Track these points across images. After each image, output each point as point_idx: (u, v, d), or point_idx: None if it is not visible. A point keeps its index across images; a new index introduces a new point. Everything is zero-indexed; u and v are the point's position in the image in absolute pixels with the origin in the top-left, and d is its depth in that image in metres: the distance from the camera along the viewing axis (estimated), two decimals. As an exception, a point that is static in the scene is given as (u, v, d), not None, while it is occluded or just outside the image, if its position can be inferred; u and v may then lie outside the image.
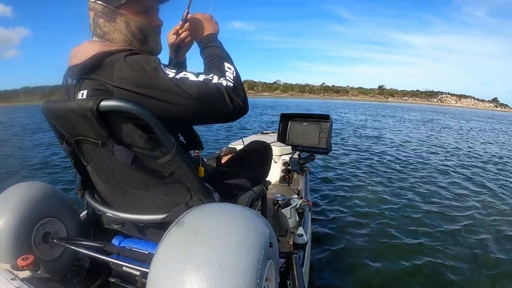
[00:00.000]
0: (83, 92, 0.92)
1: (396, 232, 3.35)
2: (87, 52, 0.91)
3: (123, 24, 0.98)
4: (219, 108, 0.91)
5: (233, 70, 1.00)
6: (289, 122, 2.47)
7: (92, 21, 1.00)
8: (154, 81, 0.85)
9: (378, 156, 7.89)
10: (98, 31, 0.99)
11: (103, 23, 0.98)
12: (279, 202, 2.00)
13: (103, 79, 0.87)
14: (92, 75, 0.90)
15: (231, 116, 0.96)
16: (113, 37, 0.99)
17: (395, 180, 5.43)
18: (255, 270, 0.67)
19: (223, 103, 0.91)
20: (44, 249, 1.22)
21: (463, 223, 3.68)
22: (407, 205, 4.20)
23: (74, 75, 0.96)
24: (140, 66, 0.86)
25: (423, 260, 2.81)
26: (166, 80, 0.86)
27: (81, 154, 1.05)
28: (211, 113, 0.92)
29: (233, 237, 0.69)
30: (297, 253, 1.25)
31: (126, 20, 0.98)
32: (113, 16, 0.97)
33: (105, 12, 0.97)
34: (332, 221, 3.57)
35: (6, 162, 6.96)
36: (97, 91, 0.89)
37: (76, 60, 0.93)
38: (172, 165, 0.91)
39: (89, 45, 0.96)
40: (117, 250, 1.15)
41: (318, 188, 4.77)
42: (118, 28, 0.98)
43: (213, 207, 0.84)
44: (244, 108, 0.96)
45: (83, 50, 0.94)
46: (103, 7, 0.97)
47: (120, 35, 0.99)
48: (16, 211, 1.13)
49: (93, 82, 0.90)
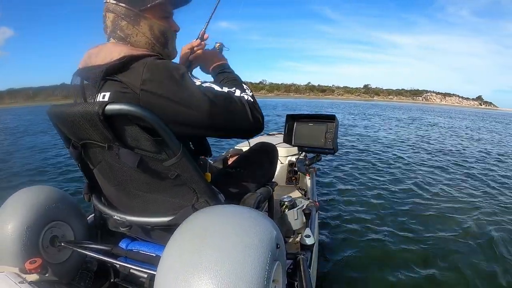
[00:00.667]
0: (105, 94, 0.91)
1: (406, 233, 3.31)
2: (112, 54, 0.91)
3: (146, 27, 1.00)
4: (240, 120, 0.94)
5: (250, 90, 1.04)
6: (295, 123, 2.47)
7: (111, 23, 0.99)
8: (181, 88, 0.87)
9: (379, 155, 7.89)
10: (118, 33, 0.99)
11: (126, 25, 0.98)
12: (285, 203, 1.99)
13: (129, 82, 0.87)
14: (117, 77, 0.89)
15: (250, 131, 1.00)
16: (136, 40, 1.00)
17: (402, 179, 5.40)
18: (262, 271, 0.67)
19: (244, 116, 0.94)
20: (52, 253, 1.22)
21: (485, 230, 3.57)
22: (414, 205, 4.16)
23: (94, 76, 0.92)
24: (169, 72, 0.88)
25: (434, 263, 2.78)
26: (193, 87, 0.88)
27: (87, 157, 1.05)
28: (232, 125, 0.94)
29: (240, 239, 0.69)
30: (304, 254, 1.24)
31: (150, 23, 1.00)
32: (137, 19, 0.98)
33: (128, 15, 0.98)
34: (339, 221, 3.55)
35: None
36: (121, 93, 0.89)
37: (99, 61, 0.93)
38: (178, 167, 0.91)
39: (114, 47, 0.96)
40: (125, 253, 1.16)
41: (325, 189, 4.75)
42: (142, 31, 1.00)
43: (220, 209, 0.84)
44: (262, 124, 1.01)
45: (107, 51, 0.94)
46: (126, 9, 0.97)
47: (144, 38, 1.01)
48: (24, 215, 1.14)
49: (118, 84, 0.90)
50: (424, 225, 3.54)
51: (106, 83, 0.92)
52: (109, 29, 1.00)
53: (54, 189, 1.32)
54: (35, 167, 6.67)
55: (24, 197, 1.21)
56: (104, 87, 0.92)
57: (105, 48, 0.96)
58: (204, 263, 0.63)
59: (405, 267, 2.68)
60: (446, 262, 2.77)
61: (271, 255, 0.72)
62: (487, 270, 2.69)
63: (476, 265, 2.75)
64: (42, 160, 7.32)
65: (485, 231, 3.43)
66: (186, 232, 0.74)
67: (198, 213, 0.81)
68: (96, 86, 0.92)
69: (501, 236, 3.29)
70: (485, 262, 2.82)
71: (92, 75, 0.93)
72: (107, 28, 1.00)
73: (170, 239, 0.75)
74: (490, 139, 13.06)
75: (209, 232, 0.70)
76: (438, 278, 2.55)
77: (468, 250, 3.02)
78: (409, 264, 2.72)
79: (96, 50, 0.97)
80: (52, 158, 7.46)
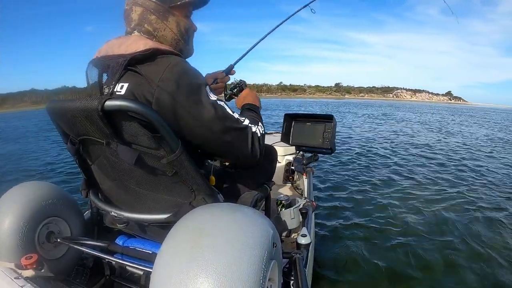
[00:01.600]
0: (123, 85, 0.90)
1: (401, 232, 3.33)
2: (137, 45, 0.92)
3: (174, 23, 1.04)
4: (239, 147, 1.00)
5: (263, 129, 1.12)
6: (293, 122, 2.47)
7: (138, 16, 1.00)
8: (195, 97, 0.90)
9: (372, 153, 7.99)
10: (146, 27, 1.01)
11: (155, 19, 1.01)
12: (282, 203, 2.00)
13: (148, 75, 0.88)
14: (138, 68, 0.89)
15: (245, 159, 1.05)
16: (163, 34, 1.03)
17: (397, 178, 5.41)
18: (258, 270, 0.67)
19: (244, 144, 1.01)
20: (48, 249, 1.22)
21: (467, 219, 3.67)
22: (408, 202, 4.18)
23: (115, 65, 0.92)
24: (190, 78, 0.91)
25: (430, 261, 2.79)
26: (207, 99, 0.92)
27: (85, 153, 1.05)
28: (230, 148, 1.00)
29: (236, 237, 0.69)
30: (301, 253, 1.25)
31: (177, 20, 1.05)
32: (165, 14, 1.02)
33: (158, 10, 1.01)
34: (335, 221, 3.56)
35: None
36: (138, 86, 0.88)
37: (122, 51, 0.93)
38: (176, 165, 0.90)
39: (139, 39, 0.97)
40: (121, 250, 1.16)
41: (322, 188, 4.76)
42: (170, 27, 1.04)
43: (217, 207, 0.84)
44: (259, 159, 1.07)
45: (131, 42, 0.94)
46: (157, 4, 1.00)
47: (171, 33, 1.05)
48: (20, 210, 1.13)
49: (137, 77, 0.89)
50: (420, 224, 3.56)
51: (126, 74, 0.91)
52: (135, 22, 1.01)
53: (51, 185, 1.31)
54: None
55: (20, 193, 1.20)
56: (124, 78, 0.91)
57: (130, 39, 0.96)
58: (200, 261, 0.63)
59: (401, 267, 2.69)
60: (443, 262, 2.79)
61: (267, 254, 0.72)
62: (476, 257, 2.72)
63: (474, 267, 2.77)
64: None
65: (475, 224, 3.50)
66: (183, 230, 0.74)
67: (195, 211, 0.81)
68: (116, 76, 0.91)
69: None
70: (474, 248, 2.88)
71: (113, 64, 0.93)
72: (132, 21, 1.01)
73: (167, 237, 0.75)
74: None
75: (206, 230, 0.70)
76: (432, 278, 2.57)
77: (468, 251, 3.03)
78: (404, 264, 2.74)
79: (120, 41, 0.98)
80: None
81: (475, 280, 2.55)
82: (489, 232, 3.44)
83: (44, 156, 8.18)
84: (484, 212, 4.00)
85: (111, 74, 0.92)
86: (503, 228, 3.55)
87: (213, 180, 1.14)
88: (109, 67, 0.93)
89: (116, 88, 0.91)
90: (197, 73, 0.95)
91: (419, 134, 12.66)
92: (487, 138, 12.40)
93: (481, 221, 3.72)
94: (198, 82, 0.92)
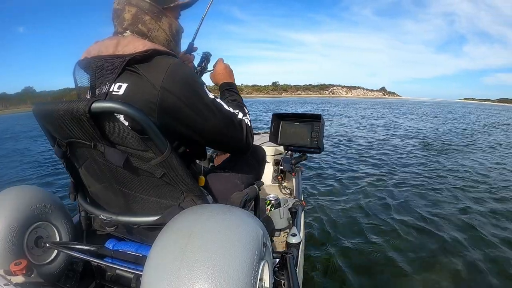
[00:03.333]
0: (121, 85, 0.90)
1: (389, 229, 3.38)
2: (136, 46, 0.92)
3: (167, 25, 1.06)
4: (236, 138, 1.07)
5: (249, 116, 1.19)
6: (281, 122, 2.48)
7: (131, 16, 1.00)
8: (198, 96, 0.94)
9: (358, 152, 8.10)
10: (140, 27, 1.01)
11: (149, 20, 1.02)
12: (272, 202, 2.01)
13: (150, 76, 0.88)
14: (138, 69, 0.90)
15: (240, 151, 1.15)
16: (156, 35, 1.04)
17: (386, 176, 5.48)
18: (249, 270, 0.68)
19: (240, 136, 1.08)
20: (37, 254, 1.21)
21: (456, 217, 3.73)
22: (398, 200, 4.25)
23: (111, 65, 0.91)
24: (191, 79, 0.95)
25: (418, 258, 2.84)
26: (208, 99, 0.97)
27: (73, 156, 1.04)
28: (227, 141, 1.07)
29: (226, 238, 0.69)
30: (291, 252, 1.25)
31: (169, 22, 1.07)
32: (159, 15, 1.04)
33: (152, 11, 1.02)
34: (325, 220, 3.59)
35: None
36: (139, 86, 0.89)
37: (118, 51, 0.93)
38: (165, 166, 0.91)
39: (136, 40, 0.97)
40: (111, 253, 1.15)
41: (310, 188, 4.79)
42: (163, 28, 1.05)
43: (206, 208, 0.84)
44: (251, 145, 1.15)
45: (127, 42, 0.94)
46: (151, 5, 1.01)
47: (164, 34, 1.06)
48: (8, 215, 1.12)
49: (137, 76, 0.89)
50: (414, 220, 3.65)
51: (123, 74, 0.91)
52: (128, 22, 1.01)
53: (38, 189, 1.30)
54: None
55: (7, 197, 1.18)
56: (121, 78, 0.91)
57: (126, 40, 0.96)
58: (191, 263, 0.64)
59: (391, 265, 2.73)
60: (433, 259, 2.84)
61: (257, 254, 0.73)
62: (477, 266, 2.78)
63: (468, 263, 2.82)
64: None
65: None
66: (172, 232, 0.74)
67: (185, 213, 0.82)
68: (112, 77, 0.91)
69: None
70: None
71: (108, 64, 0.92)
72: (125, 21, 1.01)
73: (156, 239, 0.75)
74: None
75: (196, 232, 0.70)
76: (423, 276, 2.61)
77: (462, 249, 3.09)
78: (394, 262, 2.77)
79: (114, 41, 0.96)
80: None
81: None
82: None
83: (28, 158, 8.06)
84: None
85: (106, 74, 0.92)
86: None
87: (202, 181, 1.15)
88: (102, 67, 0.93)
89: (112, 88, 0.91)
90: (195, 73, 1.01)
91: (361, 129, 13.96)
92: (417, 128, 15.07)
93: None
94: (199, 82, 0.96)
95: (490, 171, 6.45)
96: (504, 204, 4.33)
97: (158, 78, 0.87)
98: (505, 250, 2.99)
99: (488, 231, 3.39)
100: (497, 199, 4.55)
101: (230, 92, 1.30)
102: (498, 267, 2.72)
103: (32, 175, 6.17)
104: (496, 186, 5.25)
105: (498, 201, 4.47)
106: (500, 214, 3.93)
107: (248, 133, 1.10)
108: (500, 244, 3.09)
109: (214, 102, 0.98)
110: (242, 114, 1.11)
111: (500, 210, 4.08)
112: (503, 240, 3.19)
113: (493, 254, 2.93)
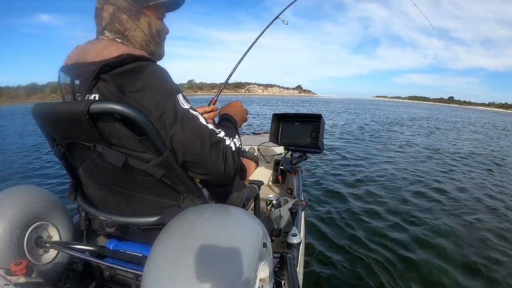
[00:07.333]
0: (95, 96, 0.89)
1: (390, 230, 3.37)
2: (109, 51, 0.88)
3: (145, 24, 1.02)
4: (210, 160, 0.91)
5: (240, 142, 1.05)
6: (281, 122, 2.48)
7: (109, 15, 0.98)
8: (167, 105, 0.87)
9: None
10: (117, 26, 0.99)
11: (126, 19, 0.99)
12: (272, 202, 2.00)
13: (119, 84, 0.86)
14: (109, 77, 0.87)
15: (217, 176, 0.94)
16: (133, 35, 1.01)
17: (386, 176, 5.48)
18: (249, 271, 0.68)
19: (216, 158, 0.92)
20: (37, 254, 1.21)
21: (458, 217, 3.74)
22: (399, 201, 4.25)
23: (86, 74, 0.89)
24: (162, 86, 0.88)
25: (419, 260, 2.83)
26: (180, 106, 0.89)
27: (72, 157, 1.04)
28: (200, 160, 0.91)
29: (226, 238, 0.70)
30: (291, 253, 1.25)
31: (149, 21, 1.03)
32: (137, 15, 1.00)
33: (130, 9, 0.99)
34: (325, 220, 3.59)
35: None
36: (109, 95, 0.88)
37: (94, 58, 0.90)
38: (164, 167, 0.90)
39: (111, 43, 0.94)
40: (111, 253, 1.15)
41: (311, 188, 4.78)
42: (141, 28, 1.02)
43: (206, 208, 0.84)
44: (233, 177, 0.98)
45: (102, 47, 0.91)
46: (129, 4, 0.98)
47: (141, 34, 1.02)
48: (8, 215, 1.12)
49: (106, 85, 0.88)
50: (415, 222, 3.64)
51: (98, 83, 0.90)
52: (106, 21, 0.99)
53: (39, 189, 1.30)
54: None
55: (7, 197, 1.18)
56: (95, 88, 0.90)
57: (101, 44, 0.94)
58: (191, 263, 0.64)
59: (391, 265, 2.72)
60: (431, 259, 2.83)
61: (257, 254, 0.73)
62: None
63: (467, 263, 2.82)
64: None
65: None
66: (173, 232, 0.74)
67: (185, 213, 0.81)
68: (86, 86, 0.90)
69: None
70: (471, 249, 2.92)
71: (84, 72, 0.90)
72: (103, 20, 0.99)
73: (157, 239, 0.75)
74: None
75: (195, 232, 0.71)
76: (423, 276, 2.61)
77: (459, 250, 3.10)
78: (395, 262, 2.77)
79: (90, 46, 0.95)
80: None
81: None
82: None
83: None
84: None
85: (82, 83, 0.91)
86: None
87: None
88: (80, 75, 0.92)
89: (87, 97, 0.90)
90: (169, 81, 0.92)
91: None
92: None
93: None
94: (169, 90, 0.89)
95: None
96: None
97: (127, 83, 0.86)
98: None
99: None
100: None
101: (227, 121, 1.21)
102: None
103: (33, 175, 6.16)
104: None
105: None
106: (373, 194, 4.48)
107: (228, 156, 0.94)
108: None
109: (186, 113, 0.89)
110: (224, 134, 0.97)
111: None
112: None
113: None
